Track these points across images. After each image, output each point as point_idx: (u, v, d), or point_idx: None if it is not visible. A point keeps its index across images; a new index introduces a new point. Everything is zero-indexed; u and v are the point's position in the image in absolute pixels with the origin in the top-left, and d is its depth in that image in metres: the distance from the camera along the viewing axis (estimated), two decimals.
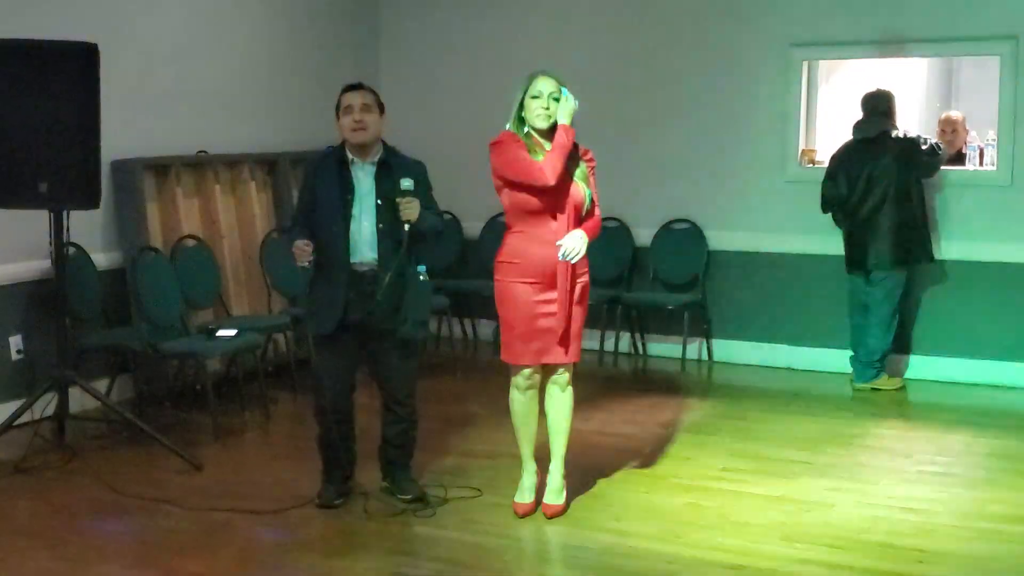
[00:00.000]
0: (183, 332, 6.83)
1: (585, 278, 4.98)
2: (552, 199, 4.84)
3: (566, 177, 4.84)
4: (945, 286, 7.57)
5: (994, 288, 7.47)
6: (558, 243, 4.80)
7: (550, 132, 4.87)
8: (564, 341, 4.95)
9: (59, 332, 5.93)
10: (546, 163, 4.79)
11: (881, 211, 7.31)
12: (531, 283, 4.88)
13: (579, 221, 4.89)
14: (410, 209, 4.91)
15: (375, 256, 4.97)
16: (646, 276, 8.34)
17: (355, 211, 4.96)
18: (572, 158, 4.87)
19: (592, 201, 4.95)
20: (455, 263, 8.81)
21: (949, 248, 7.52)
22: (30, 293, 6.53)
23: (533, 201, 4.85)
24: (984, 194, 7.49)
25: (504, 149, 4.87)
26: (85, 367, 6.46)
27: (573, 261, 4.82)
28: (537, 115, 4.84)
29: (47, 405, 6.02)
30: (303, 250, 4.85)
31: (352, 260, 4.96)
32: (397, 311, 5.00)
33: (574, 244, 4.80)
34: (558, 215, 4.86)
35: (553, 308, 4.88)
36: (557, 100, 4.84)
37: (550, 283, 4.87)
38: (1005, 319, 7.46)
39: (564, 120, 4.85)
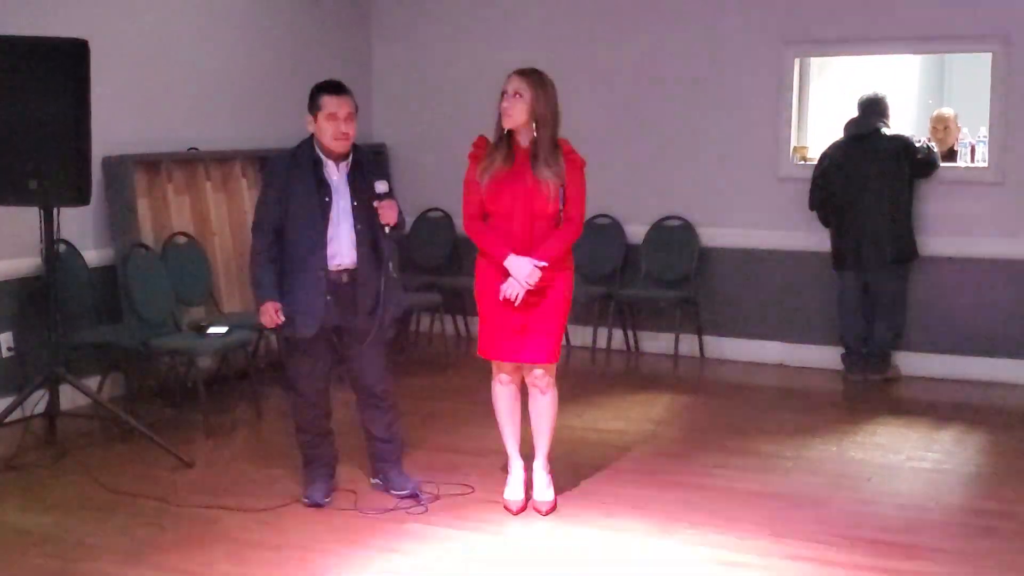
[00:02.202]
0: (174, 329, 6.82)
1: (560, 279, 4.90)
2: (507, 200, 4.82)
3: (525, 178, 4.79)
4: (936, 282, 7.59)
5: (985, 284, 7.49)
6: (503, 286, 4.81)
7: (525, 129, 4.80)
8: (532, 341, 4.90)
9: (50, 329, 5.92)
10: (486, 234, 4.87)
11: (877, 208, 7.34)
12: (496, 279, 4.87)
13: (546, 220, 4.82)
14: (389, 213, 4.91)
15: (354, 258, 4.96)
16: (638, 273, 8.35)
17: (332, 214, 4.91)
18: (549, 154, 4.79)
19: (571, 203, 4.84)
20: (446, 261, 8.81)
21: (941, 244, 7.53)
22: (21, 290, 6.51)
23: (489, 200, 4.86)
24: (975, 191, 7.50)
25: (469, 167, 4.92)
26: (76, 364, 6.44)
27: (515, 300, 4.80)
28: (504, 112, 4.82)
29: (38, 402, 6.01)
30: (273, 318, 4.87)
31: (330, 263, 4.94)
32: (374, 310, 5.02)
33: (512, 287, 4.79)
34: (515, 215, 4.83)
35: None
36: (521, 97, 4.76)
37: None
38: (996, 315, 7.48)
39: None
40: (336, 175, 4.95)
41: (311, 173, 4.91)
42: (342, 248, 4.94)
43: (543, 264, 4.78)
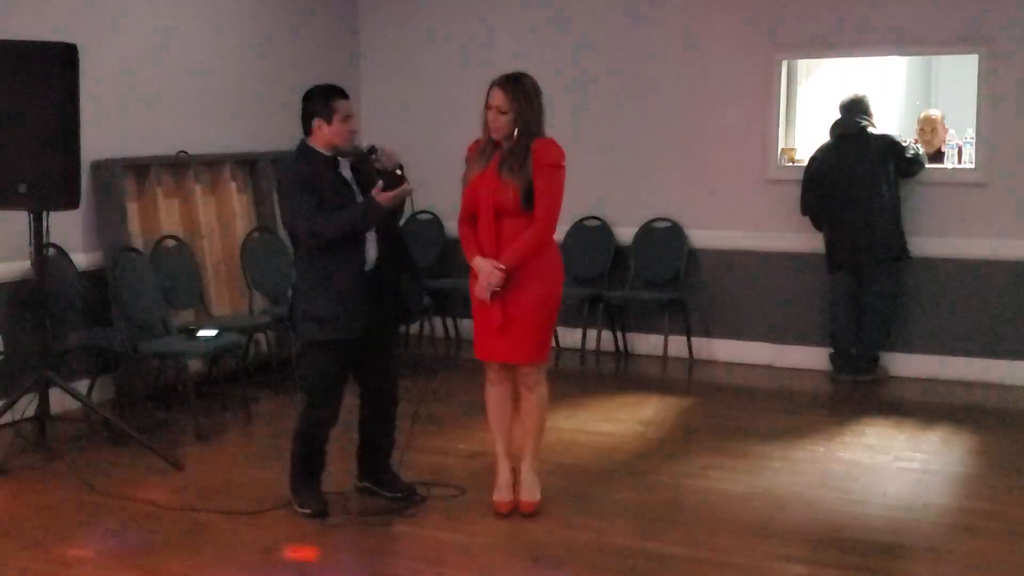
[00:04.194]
0: (164, 332, 6.82)
1: (538, 279, 4.90)
2: (478, 201, 4.86)
3: (492, 179, 4.82)
4: (923, 283, 7.62)
5: (971, 285, 7.52)
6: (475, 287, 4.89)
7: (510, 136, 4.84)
8: (513, 340, 4.91)
9: (39, 333, 5.92)
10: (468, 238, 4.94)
11: (868, 208, 7.37)
12: (476, 280, 4.92)
13: (512, 220, 4.83)
14: (389, 154, 4.90)
15: (376, 254, 4.96)
16: (627, 274, 8.37)
17: None
18: (516, 157, 4.81)
19: (538, 203, 4.81)
20: (436, 262, 8.82)
21: (927, 245, 7.56)
22: (10, 294, 6.50)
23: (468, 202, 4.93)
24: (962, 192, 7.54)
25: (467, 166, 4.99)
26: (66, 368, 6.45)
27: (484, 297, 4.85)
28: (490, 127, 4.86)
29: (28, 406, 5.99)
30: (405, 187, 4.82)
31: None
32: (403, 307, 5.06)
33: (479, 288, 4.84)
34: (483, 216, 4.87)
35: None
36: (504, 113, 4.79)
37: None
38: (982, 316, 7.52)
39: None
40: (347, 174, 4.97)
41: (331, 172, 4.91)
42: (369, 245, 4.93)
43: (502, 267, 4.80)
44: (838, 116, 7.55)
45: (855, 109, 7.50)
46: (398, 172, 4.90)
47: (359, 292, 4.88)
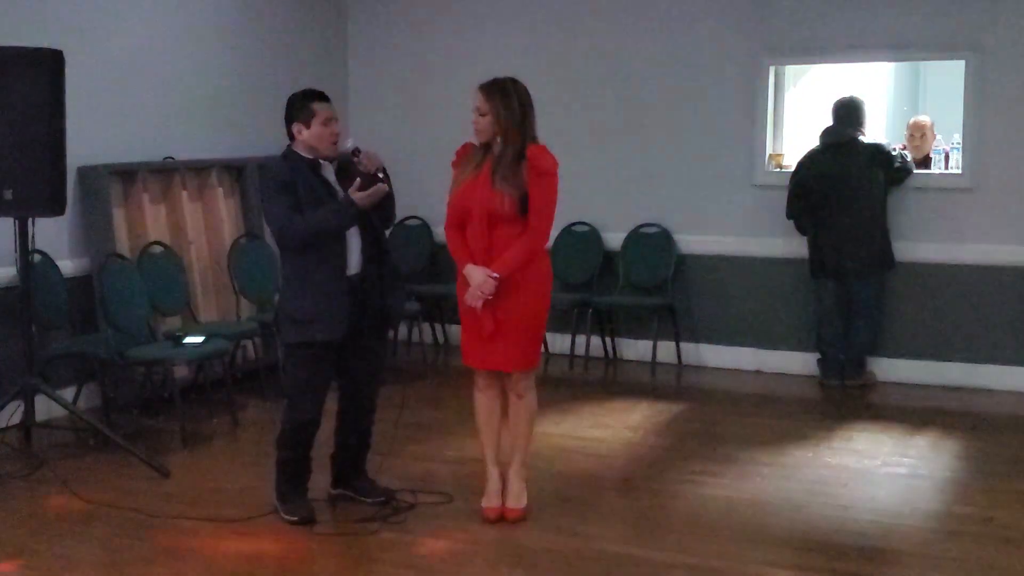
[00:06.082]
0: (150, 339, 6.80)
1: (529, 286, 4.89)
2: (469, 208, 4.85)
3: (485, 186, 4.81)
4: (910, 289, 7.63)
5: (958, 290, 7.54)
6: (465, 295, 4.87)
7: (494, 141, 4.84)
8: (502, 348, 4.90)
9: (25, 340, 5.89)
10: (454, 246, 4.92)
11: (855, 217, 7.38)
12: (466, 286, 4.90)
13: (506, 228, 4.82)
14: (371, 157, 4.89)
15: (359, 257, 4.94)
16: (616, 280, 8.36)
17: None
18: (508, 166, 4.80)
19: (533, 212, 4.80)
20: (425, 267, 8.81)
21: (914, 250, 7.57)
22: None
23: (458, 207, 4.91)
24: (948, 197, 7.55)
25: (454, 170, 4.98)
26: (52, 375, 6.42)
27: (475, 305, 4.83)
28: (473, 129, 4.87)
29: (13, 413, 5.98)
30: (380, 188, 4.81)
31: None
32: (386, 312, 5.04)
33: (471, 296, 4.82)
34: (475, 223, 4.85)
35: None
36: (483, 115, 4.80)
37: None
38: (969, 321, 7.53)
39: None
40: (330, 177, 4.96)
41: (313, 176, 4.91)
42: (352, 249, 4.92)
43: (495, 275, 4.79)
44: (829, 122, 7.55)
45: (847, 116, 7.49)
46: (379, 176, 4.90)
47: (340, 295, 4.86)
